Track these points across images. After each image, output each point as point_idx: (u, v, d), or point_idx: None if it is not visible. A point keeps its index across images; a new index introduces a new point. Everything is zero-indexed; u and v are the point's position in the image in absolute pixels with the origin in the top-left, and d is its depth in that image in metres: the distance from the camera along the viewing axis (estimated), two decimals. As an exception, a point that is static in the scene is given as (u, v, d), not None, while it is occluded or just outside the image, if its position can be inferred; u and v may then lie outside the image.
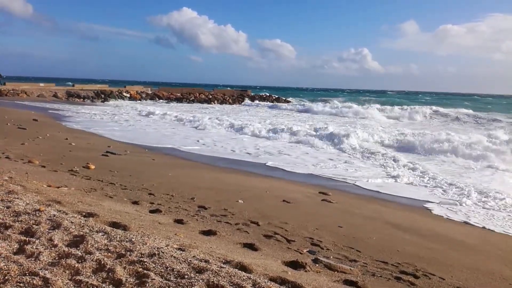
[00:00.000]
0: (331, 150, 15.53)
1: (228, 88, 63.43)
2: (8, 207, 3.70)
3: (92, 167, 8.69)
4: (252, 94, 59.00)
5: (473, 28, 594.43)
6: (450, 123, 33.49)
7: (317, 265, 4.01)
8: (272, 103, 51.59)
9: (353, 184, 9.96)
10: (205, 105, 48.30)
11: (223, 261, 3.17)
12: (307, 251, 4.66)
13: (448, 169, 12.42)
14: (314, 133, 19.07)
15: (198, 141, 16.51)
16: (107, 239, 3.17)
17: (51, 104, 33.60)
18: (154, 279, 2.51)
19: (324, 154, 14.55)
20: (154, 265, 2.73)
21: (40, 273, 2.44)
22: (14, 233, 3.07)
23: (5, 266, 2.46)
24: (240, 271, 2.87)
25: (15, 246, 2.84)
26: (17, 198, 4.14)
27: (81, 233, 3.21)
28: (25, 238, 2.97)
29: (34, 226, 3.25)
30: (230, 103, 50.75)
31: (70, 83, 60.13)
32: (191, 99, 52.02)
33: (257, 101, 52.85)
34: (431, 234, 6.37)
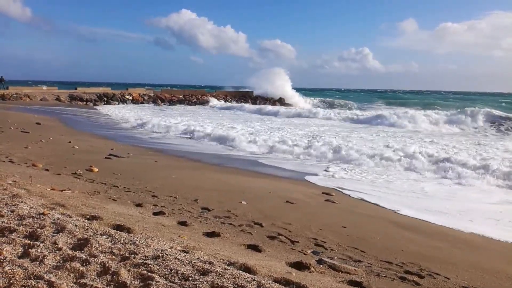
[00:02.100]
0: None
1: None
2: (12, 211, 3.71)
3: (96, 170, 8.71)
4: (255, 95, 58.54)
5: (474, 25, 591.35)
6: None
7: (321, 266, 4.00)
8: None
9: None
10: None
11: (227, 262, 3.17)
12: (311, 252, 4.65)
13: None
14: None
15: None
16: (111, 242, 3.17)
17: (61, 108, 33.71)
18: (158, 282, 2.51)
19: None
20: (158, 268, 2.73)
21: (45, 276, 2.45)
22: (18, 236, 3.07)
23: (10, 270, 2.46)
24: (244, 273, 2.87)
25: (20, 250, 2.84)
26: (21, 202, 4.15)
27: (85, 236, 3.21)
28: (29, 241, 2.98)
29: (38, 229, 3.25)
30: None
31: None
32: (193, 101, 52.07)
33: (264, 105, 50.79)
34: (435, 232, 6.36)
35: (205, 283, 2.56)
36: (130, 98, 48.91)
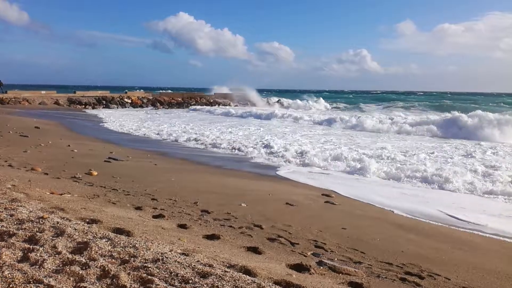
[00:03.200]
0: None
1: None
2: (11, 215, 3.71)
3: (95, 173, 8.71)
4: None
5: (471, 26, 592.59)
6: None
7: (321, 267, 3.99)
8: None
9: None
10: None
11: (227, 265, 3.17)
12: (311, 253, 4.64)
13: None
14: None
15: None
16: (111, 245, 3.17)
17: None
18: (158, 285, 2.51)
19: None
20: (158, 271, 2.73)
21: (45, 280, 2.44)
22: (18, 241, 3.07)
23: (9, 274, 2.46)
24: (244, 275, 2.87)
25: (19, 254, 2.84)
26: (21, 206, 4.15)
27: (85, 239, 3.21)
28: (29, 245, 2.98)
29: (37, 233, 3.25)
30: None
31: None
32: (192, 103, 52.11)
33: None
34: (434, 233, 6.35)
35: (205, 285, 2.56)
36: (129, 101, 48.93)
